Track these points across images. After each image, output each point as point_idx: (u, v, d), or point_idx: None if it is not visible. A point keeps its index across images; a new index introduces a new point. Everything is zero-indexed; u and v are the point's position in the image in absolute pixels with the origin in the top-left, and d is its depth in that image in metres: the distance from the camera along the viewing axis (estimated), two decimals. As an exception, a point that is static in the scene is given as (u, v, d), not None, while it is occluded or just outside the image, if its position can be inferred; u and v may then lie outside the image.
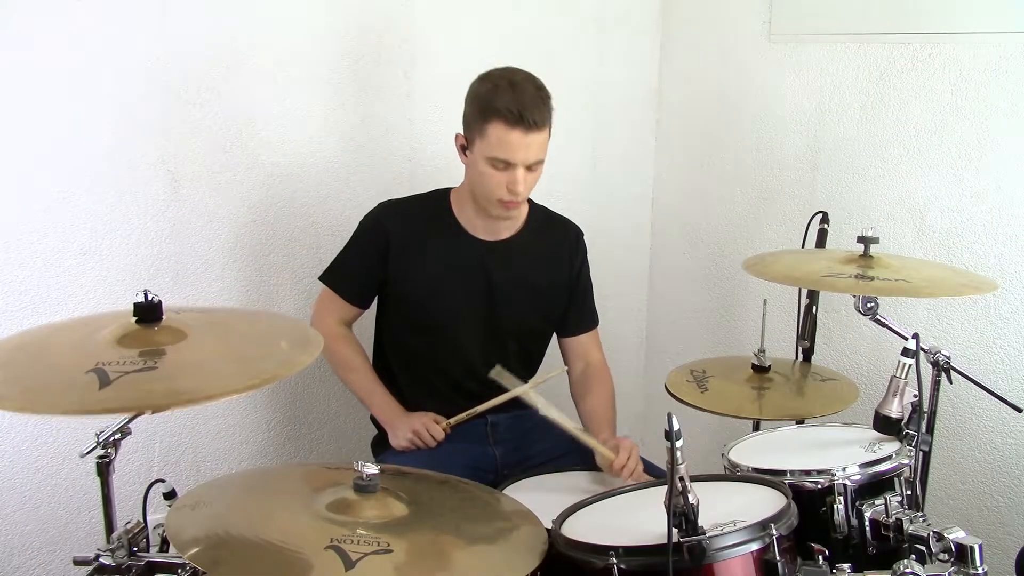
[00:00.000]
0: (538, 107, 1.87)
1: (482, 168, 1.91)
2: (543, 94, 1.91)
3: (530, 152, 1.89)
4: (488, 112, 1.87)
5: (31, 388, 1.26)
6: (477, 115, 1.90)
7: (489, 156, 1.89)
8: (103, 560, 1.38)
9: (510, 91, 1.87)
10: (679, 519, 1.28)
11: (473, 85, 1.96)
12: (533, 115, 1.86)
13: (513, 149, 1.87)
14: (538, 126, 1.87)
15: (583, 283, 2.19)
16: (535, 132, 1.87)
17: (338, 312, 2.10)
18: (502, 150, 1.87)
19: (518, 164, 1.89)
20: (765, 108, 2.71)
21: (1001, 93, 2.25)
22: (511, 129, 1.85)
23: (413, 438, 1.98)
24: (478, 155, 1.91)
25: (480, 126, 1.89)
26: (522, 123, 1.85)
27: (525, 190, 1.93)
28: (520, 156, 1.88)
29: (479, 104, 1.90)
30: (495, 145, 1.87)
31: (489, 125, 1.87)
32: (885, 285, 1.83)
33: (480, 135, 1.90)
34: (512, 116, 1.84)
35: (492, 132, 1.87)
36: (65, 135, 1.99)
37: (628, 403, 3.05)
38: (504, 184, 1.91)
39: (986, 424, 2.35)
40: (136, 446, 2.18)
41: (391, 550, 1.27)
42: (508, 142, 1.86)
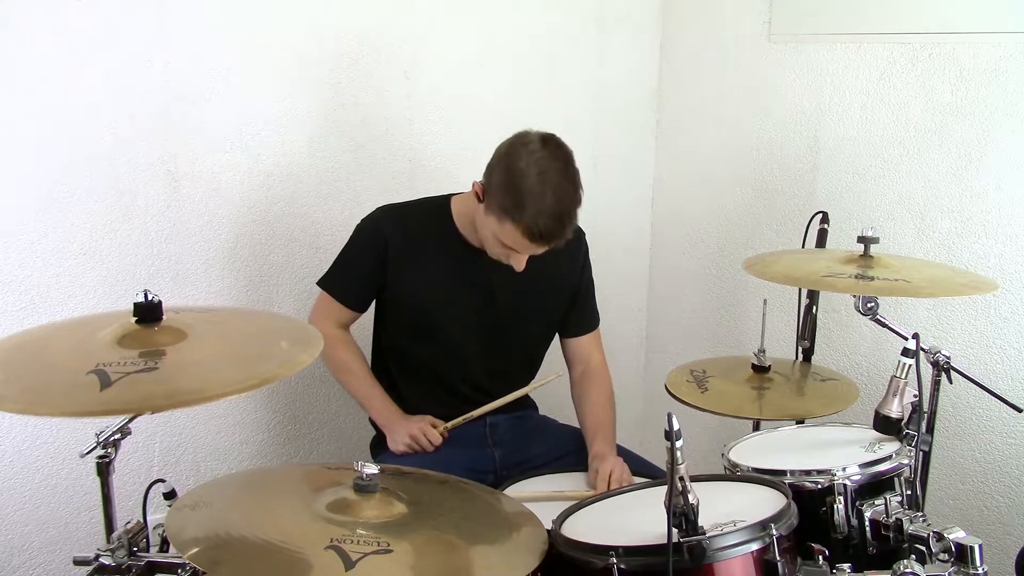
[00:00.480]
0: (563, 229, 1.80)
1: (488, 235, 1.88)
2: (573, 210, 1.81)
3: (540, 252, 1.86)
4: (513, 215, 1.78)
5: (32, 389, 1.26)
6: (501, 202, 1.80)
7: (499, 238, 1.85)
8: (103, 560, 1.38)
9: (541, 204, 1.76)
10: (679, 519, 1.28)
11: (510, 153, 1.83)
12: (556, 239, 1.81)
13: (525, 250, 1.86)
14: (558, 244, 1.83)
15: (585, 284, 2.18)
16: (551, 246, 1.84)
17: (335, 316, 2.09)
18: (513, 246, 1.84)
19: (525, 255, 1.88)
20: (765, 108, 2.71)
21: (1001, 93, 2.25)
22: (531, 242, 1.81)
23: (411, 442, 1.98)
24: (489, 225, 1.85)
25: (500, 215, 1.81)
26: (541, 241, 1.80)
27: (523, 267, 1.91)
28: (529, 253, 1.87)
29: (507, 194, 1.79)
30: (509, 239, 1.83)
31: (509, 224, 1.79)
32: (885, 285, 1.83)
33: (498, 220, 1.82)
34: (534, 235, 1.78)
35: (509, 230, 1.80)
36: (65, 135, 1.99)
37: (628, 403, 3.05)
38: (505, 257, 1.90)
39: (986, 424, 2.35)
40: (136, 446, 2.18)
41: (391, 550, 1.27)
42: (522, 246, 1.83)
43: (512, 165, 1.80)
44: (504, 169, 1.82)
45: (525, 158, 1.79)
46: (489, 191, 1.85)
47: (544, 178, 1.77)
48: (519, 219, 1.78)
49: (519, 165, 1.79)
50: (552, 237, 1.80)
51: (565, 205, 1.79)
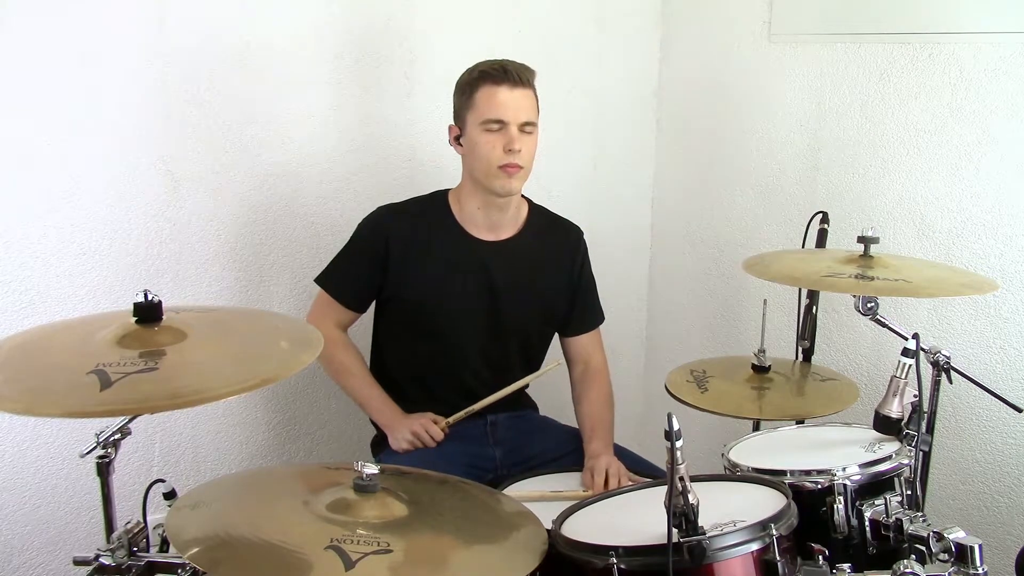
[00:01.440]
0: (521, 67, 1.96)
1: (477, 138, 1.95)
2: (524, 64, 1.99)
3: (520, 110, 1.94)
4: (473, 80, 1.96)
5: (32, 389, 1.26)
6: (464, 91, 1.98)
7: (482, 120, 1.94)
8: (103, 560, 1.38)
9: (490, 61, 1.97)
10: (679, 519, 1.28)
11: (459, 77, 2.03)
12: (516, 71, 1.94)
13: (503, 106, 1.93)
14: (523, 83, 1.95)
15: (585, 283, 2.19)
16: (521, 88, 1.95)
17: (334, 316, 2.10)
18: (493, 109, 1.93)
19: (511, 122, 1.93)
20: (765, 108, 2.71)
21: (1001, 93, 2.25)
22: (498, 86, 1.93)
23: (413, 439, 1.98)
24: (471, 128, 1.96)
25: (469, 98, 1.96)
26: (507, 78, 1.93)
27: (524, 151, 1.95)
28: (511, 113, 1.93)
29: (464, 82, 1.99)
30: (485, 107, 1.94)
31: (477, 91, 1.95)
32: (885, 285, 1.83)
33: (470, 107, 1.96)
34: (496, 73, 1.93)
35: (480, 96, 1.94)
36: (65, 135, 1.99)
37: (628, 403, 3.06)
38: (501, 146, 1.93)
39: (986, 424, 2.35)
40: (136, 446, 2.18)
41: (391, 550, 1.27)
42: (497, 100, 1.93)
43: (460, 78, 2.02)
44: (457, 86, 2.02)
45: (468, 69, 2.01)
46: (457, 112, 2.02)
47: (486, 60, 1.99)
48: (477, 77, 1.96)
49: (464, 72, 2.01)
50: (511, 69, 1.94)
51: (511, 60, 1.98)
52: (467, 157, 2.01)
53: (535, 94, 1.99)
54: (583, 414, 2.13)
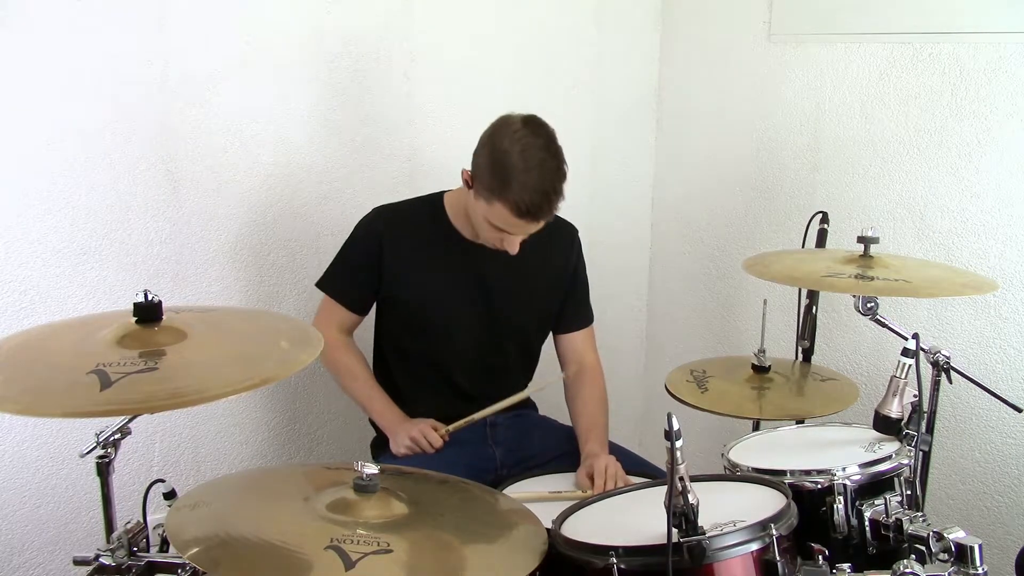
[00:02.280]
0: (549, 203, 1.83)
1: (479, 220, 1.91)
2: (558, 183, 1.84)
3: (531, 230, 1.89)
4: (499, 193, 1.82)
5: (32, 389, 1.26)
6: (488, 183, 1.84)
7: (492, 222, 1.88)
8: (103, 560, 1.38)
9: (525, 178, 1.80)
10: (679, 519, 1.28)
11: (493, 136, 1.87)
12: (543, 213, 1.83)
13: (515, 229, 1.87)
14: (546, 218, 1.86)
15: (579, 280, 2.19)
16: (540, 222, 1.87)
17: (338, 319, 2.10)
18: (503, 226, 1.87)
19: (517, 235, 1.89)
20: (765, 108, 2.71)
21: (1001, 93, 2.25)
22: (520, 219, 1.83)
23: (412, 445, 1.98)
24: (480, 210, 1.88)
25: (488, 196, 1.84)
26: (529, 216, 1.83)
27: (517, 250, 1.92)
28: (520, 233, 1.89)
29: (492, 174, 1.83)
30: (498, 220, 1.86)
31: (497, 203, 1.83)
32: (885, 285, 1.83)
33: (486, 201, 1.85)
34: (521, 211, 1.81)
35: (498, 210, 1.84)
36: (65, 135, 1.99)
37: (628, 403, 3.06)
38: (499, 240, 1.91)
39: (986, 424, 2.35)
40: (136, 446, 2.18)
41: (391, 550, 1.27)
42: (511, 224, 1.86)
43: (496, 146, 1.85)
44: (489, 152, 1.86)
45: (508, 138, 1.84)
46: (477, 175, 1.89)
47: (527, 155, 1.81)
48: (506, 197, 1.81)
49: (503, 145, 1.84)
50: (539, 212, 1.83)
51: (549, 179, 1.83)
52: (468, 205, 1.95)
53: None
54: (578, 414, 2.13)
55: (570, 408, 2.17)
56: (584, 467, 1.93)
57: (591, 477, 1.88)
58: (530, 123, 1.87)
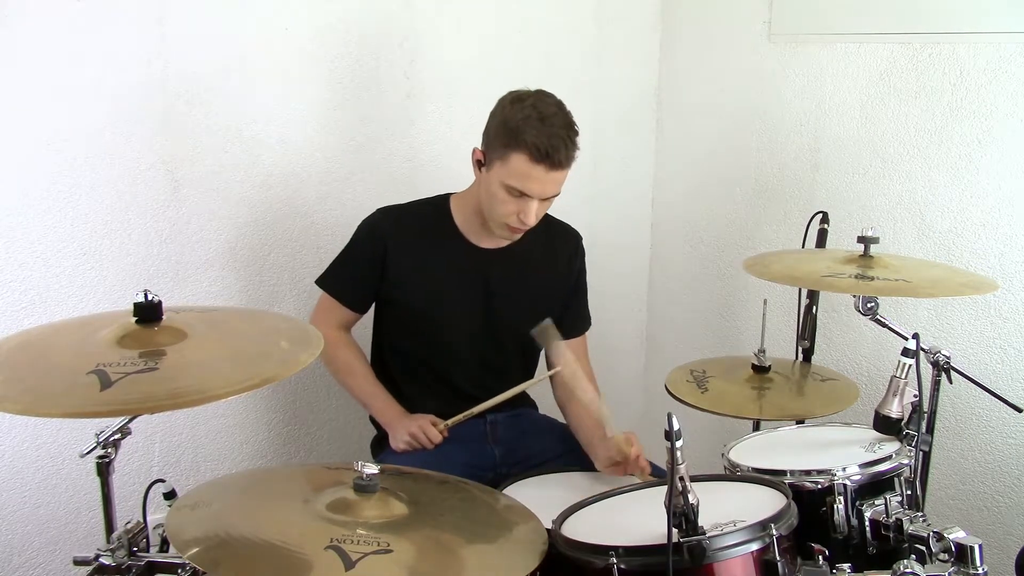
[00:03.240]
0: (566, 147, 1.84)
1: (495, 191, 1.90)
2: (572, 132, 1.87)
3: (548, 187, 1.88)
4: (514, 141, 1.84)
5: (32, 390, 1.26)
6: (502, 140, 1.86)
7: (506, 183, 1.87)
8: (103, 560, 1.38)
9: (540, 124, 1.83)
10: (679, 519, 1.28)
11: (503, 105, 1.92)
12: (560, 155, 1.83)
13: (533, 183, 1.86)
14: (562, 165, 1.86)
15: (579, 288, 2.19)
16: (558, 170, 1.86)
17: (336, 317, 2.10)
18: (521, 182, 1.86)
19: (534, 196, 1.88)
20: (765, 108, 2.71)
21: (1001, 93, 2.25)
22: (535, 164, 1.83)
23: (411, 440, 1.98)
24: (495, 177, 1.89)
25: (503, 152, 1.86)
26: (547, 160, 1.83)
27: (535, 221, 1.93)
28: (538, 190, 1.88)
29: (506, 130, 1.86)
30: (515, 175, 1.86)
31: (513, 154, 1.84)
32: (885, 285, 1.83)
33: (501, 160, 1.87)
34: (539, 153, 1.82)
35: (515, 162, 1.84)
36: (65, 135, 1.99)
37: (628, 403, 3.06)
38: (515, 212, 1.91)
39: (986, 424, 2.35)
40: (136, 446, 2.18)
41: (391, 550, 1.27)
42: (529, 175, 1.85)
43: (506, 109, 1.89)
44: (500, 116, 1.90)
45: (517, 101, 1.89)
46: (488, 144, 1.92)
47: (539, 108, 1.85)
48: (521, 142, 1.83)
49: (513, 107, 1.88)
50: (556, 154, 1.83)
51: (563, 126, 1.85)
52: (481, 191, 1.96)
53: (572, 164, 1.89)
54: (575, 413, 2.10)
55: (564, 410, 2.14)
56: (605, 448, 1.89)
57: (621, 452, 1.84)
58: (538, 91, 1.92)
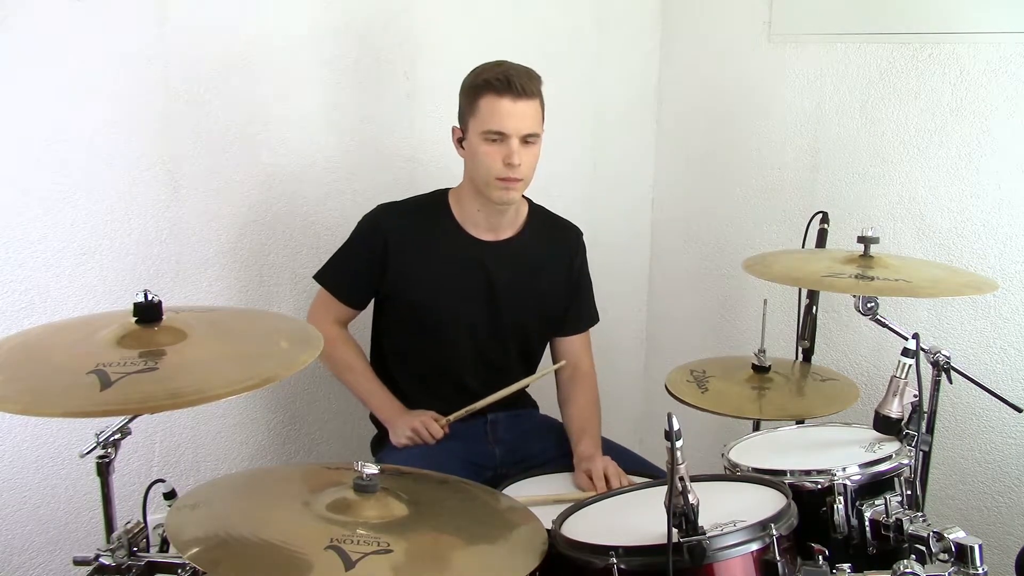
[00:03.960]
0: (526, 77, 1.91)
1: (477, 147, 1.93)
2: (531, 72, 1.94)
3: (523, 122, 1.91)
4: (477, 87, 1.92)
5: (32, 389, 1.26)
6: (468, 96, 1.95)
7: (483, 130, 1.91)
8: (103, 560, 1.37)
9: (496, 67, 1.92)
10: (679, 519, 1.28)
11: (464, 79, 1.99)
12: (521, 81, 1.89)
13: (505, 118, 1.89)
14: (527, 94, 1.91)
15: (583, 283, 2.19)
16: (525, 100, 1.90)
17: (334, 313, 2.10)
18: (494, 120, 1.90)
19: (512, 134, 1.90)
20: (765, 108, 2.71)
21: (1001, 93, 2.25)
22: (500, 97, 1.89)
23: (412, 435, 1.99)
24: (473, 136, 1.94)
25: (471, 105, 1.93)
26: (511, 90, 1.88)
27: (523, 164, 1.93)
28: (512, 125, 1.90)
29: (468, 86, 1.96)
30: (487, 117, 1.90)
31: (480, 99, 1.91)
32: (885, 285, 1.83)
33: (472, 114, 1.93)
34: (500, 84, 1.88)
35: (483, 105, 1.91)
36: (65, 135, 1.99)
37: (628, 403, 3.06)
38: (500, 159, 1.91)
39: (986, 424, 2.35)
40: (136, 446, 2.18)
41: (391, 550, 1.27)
42: (499, 111, 1.89)
43: (465, 80, 1.99)
44: (462, 87, 1.99)
45: (474, 69, 1.98)
46: (461, 115, 1.99)
47: (494, 61, 1.96)
48: (482, 83, 1.91)
49: (470, 74, 1.98)
50: (516, 78, 1.89)
51: (518, 65, 1.94)
52: (468, 162, 2.00)
53: (541, 103, 1.95)
54: (571, 416, 2.12)
55: (563, 409, 2.17)
56: (581, 469, 1.93)
57: (590, 478, 1.88)
58: None
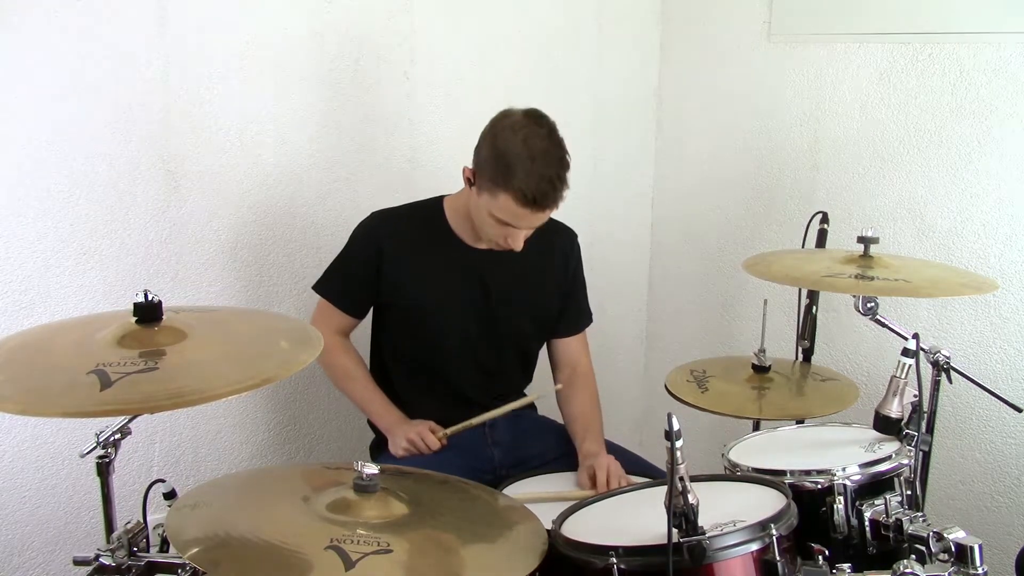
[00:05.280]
0: (554, 189, 1.82)
1: (484, 217, 1.90)
2: (562, 171, 1.83)
3: (536, 223, 1.89)
4: (503, 183, 1.81)
5: (32, 389, 1.26)
6: (491, 175, 1.84)
7: (494, 215, 1.87)
8: (103, 560, 1.38)
9: (530, 166, 1.79)
10: (679, 519, 1.28)
11: (495, 131, 1.88)
12: (547, 200, 1.82)
13: (520, 220, 1.86)
14: (550, 208, 1.85)
15: (577, 286, 2.19)
16: (545, 212, 1.86)
17: (335, 323, 2.10)
18: (508, 218, 1.85)
19: (522, 229, 1.89)
20: (765, 108, 2.71)
21: (1001, 93, 2.25)
22: (522, 207, 1.82)
23: (409, 446, 1.98)
24: (483, 205, 1.88)
25: (492, 188, 1.84)
26: (535, 205, 1.82)
27: (522, 246, 1.92)
28: (525, 225, 1.88)
29: (496, 165, 1.83)
30: (503, 212, 1.85)
31: (501, 194, 1.82)
32: (885, 285, 1.83)
33: (490, 194, 1.85)
34: (526, 199, 1.80)
35: (503, 201, 1.83)
36: (65, 135, 1.99)
37: (628, 403, 3.06)
38: (503, 237, 1.91)
39: (986, 424, 2.35)
40: (136, 446, 2.18)
41: (391, 550, 1.27)
42: (517, 215, 1.84)
43: (497, 138, 1.85)
44: (490, 144, 1.86)
45: (509, 130, 1.85)
46: (479, 170, 1.88)
47: (530, 144, 1.81)
48: (511, 186, 1.81)
49: (505, 136, 1.84)
50: (545, 199, 1.82)
51: (554, 167, 1.82)
52: (472, 205, 1.94)
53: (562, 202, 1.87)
54: (572, 416, 2.12)
55: (563, 410, 2.16)
56: (584, 468, 1.93)
57: (592, 478, 1.88)
58: (531, 115, 1.88)
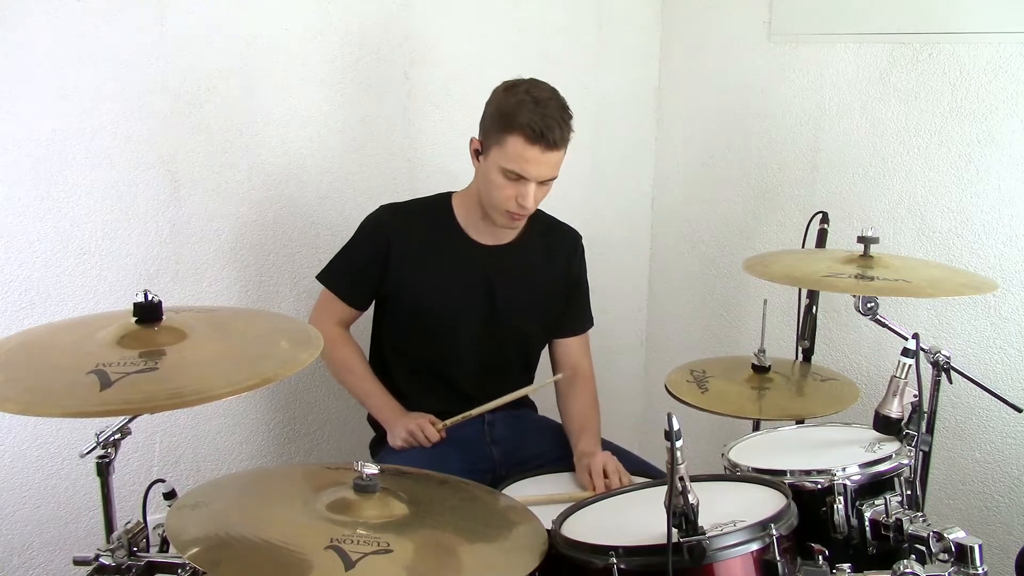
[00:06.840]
0: (560, 127, 1.87)
1: (494, 177, 1.92)
2: (566, 115, 1.90)
3: (545, 169, 1.90)
4: (509, 125, 1.87)
5: (32, 389, 1.26)
6: (498, 125, 1.90)
7: (503, 167, 1.89)
8: (103, 560, 1.38)
9: (534, 107, 1.86)
10: (679, 519, 1.28)
11: (497, 93, 1.95)
12: (554, 135, 1.86)
13: (529, 164, 1.88)
14: (557, 146, 1.88)
15: (580, 287, 2.20)
16: (553, 151, 1.88)
17: (337, 314, 2.11)
18: (518, 164, 1.88)
19: (531, 179, 1.90)
20: (765, 108, 2.71)
21: (1001, 93, 2.25)
22: (530, 145, 1.85)
23: (408, 438, 1.98)
24: (492, 163, 1.91)
25: (499, 136, 1.89)
26: (542, 141, 1.85)
27: (534, 204, 1.94)
28: (534, 172, 1.89)
29: (501, 115, 1.89)
30: (511, 158, 1.88)
31: (509, 137, 1.87)
32: (885, 285, 1.83)
33: (498, 145, 1.89)
34: (533, 133, 1.84)
35: (511, 145, 1.87)
36: (65, 135, 1.99)
37: (628, 403, 3.06)
38: (514, 197, 1.92)
39: (986, 424, 2.35)
40: (136, 446, 2.18)
41: (391, 550, 1.27)
42: (525, 157, 1.87)
43: (500, 98, 1.93)
44: (495, 106, 1.94)
45: (511, 88, 1.93)
46: (485, 133, 1.94)
47: (533, 93, 1.89)
48: (516, 124, 1.86)
49: (506, 94, 1.92)
50: (551, 133, 1.86)
51: (558, 108, 1.89)
52: (480, 179, 1.99)
53: (566, 148, 1.92)
54: (570, 416, 2.13)
55: (561, 410, 2.17)
56: (582, 467, 1.93)
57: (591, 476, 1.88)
58: (533, 79, 1.95)
